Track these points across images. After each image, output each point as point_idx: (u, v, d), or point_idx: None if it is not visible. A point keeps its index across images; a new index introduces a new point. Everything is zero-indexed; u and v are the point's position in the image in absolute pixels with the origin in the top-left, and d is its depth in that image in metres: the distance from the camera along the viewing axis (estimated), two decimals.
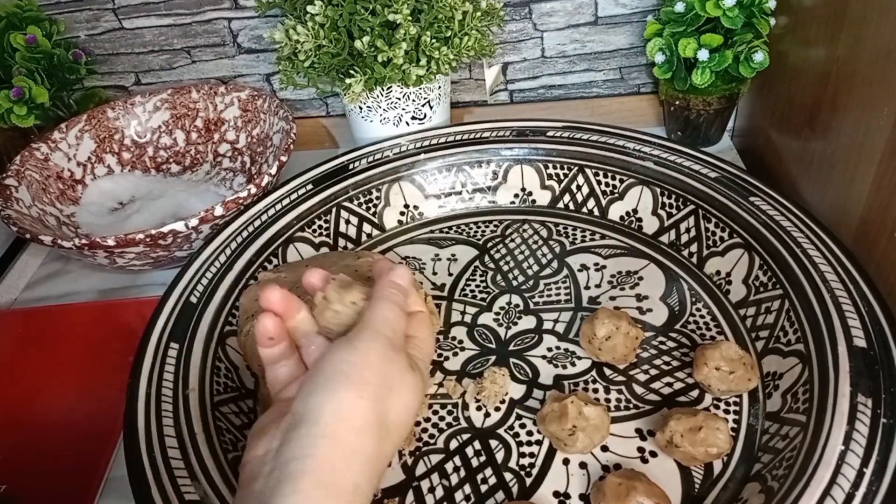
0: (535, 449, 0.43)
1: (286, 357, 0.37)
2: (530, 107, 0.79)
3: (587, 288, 0.54)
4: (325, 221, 0.60)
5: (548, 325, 0.51)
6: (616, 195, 0.59)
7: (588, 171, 0.60)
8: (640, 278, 0.54)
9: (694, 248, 0.55)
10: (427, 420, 0.45)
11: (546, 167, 0.62)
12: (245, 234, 0.56)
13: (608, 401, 0.45)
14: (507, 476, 0.42)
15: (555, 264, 0.56)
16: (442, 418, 0.45)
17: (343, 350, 0.34)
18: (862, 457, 0.35)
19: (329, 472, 0.29)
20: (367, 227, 0.62)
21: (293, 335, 0.38)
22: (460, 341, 0.51)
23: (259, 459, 0.31)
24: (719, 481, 0.40)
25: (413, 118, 0.68)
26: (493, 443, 0.44)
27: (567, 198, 0.62)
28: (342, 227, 0.60)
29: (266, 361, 0.37)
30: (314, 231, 0.59)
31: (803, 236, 0.48)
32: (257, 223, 0.57)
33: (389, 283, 0.38)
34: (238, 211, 0.58)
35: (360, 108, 0.67)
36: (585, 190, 0.61)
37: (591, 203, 0.61)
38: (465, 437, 0.44)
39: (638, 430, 0.43)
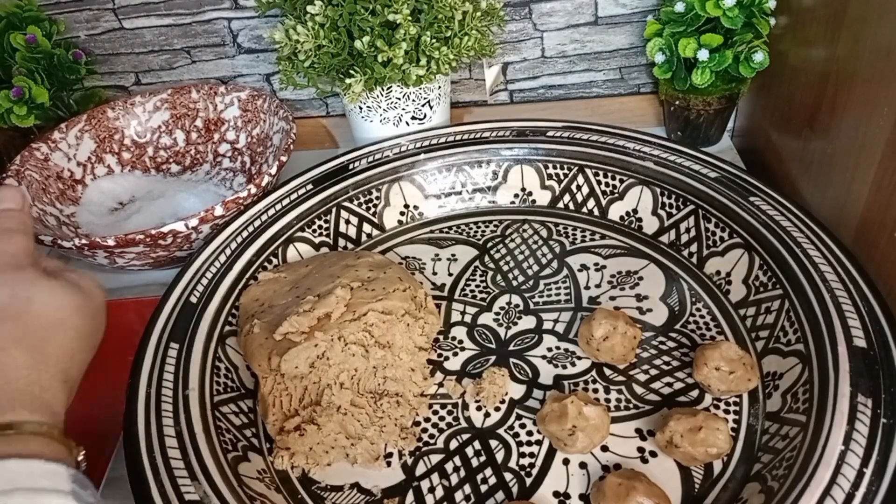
0: (535, 449, 0.43)
1: None
2: (530, 107, 0.79)
3: (587, 288, 0.54)
4: (325, 221, 0.60)
5: (548, 325, 0.51)
6: (616, 195, 0.59)
7: (588, 171, 0.60)
8: (640, 278, 0.54)
9: (694, 248, 0.55)
10: (427, 420, 0.45)
11: (546, 167, 0.62)
12: (245, 234, 0.56)
13: (608, 401, 0.45)
14: (507, 476, 0.42)
15: (555, 264, 0.56)
16: (442, 418, 0.45)
17: None
18: (862, 457, 0.35)
19: None
20: (367, 227, 0.62)
21: None
22: (460, 341, 0.51)
23: None
24: (719, 481, 0.40)
25: (413, 118, 0.68)
26: (493, 443, 0.44)
27: (567, 198, 0.62)
28: (342, 227, 0.60)
29: None
30: (314, 231, 0.59)
31: (803, 236, 0.48)
32: (257, 223, 0.57)
33: (5, 214, 0.38)
34: (238, 211, 0.58)
35: (360, 108, 0.67)
36: (585, 190, 0.61)
37: (591, 203, 0.61)
38: (465, 437, 0.44)
39: (638, 430, 0.43)
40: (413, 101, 0.66)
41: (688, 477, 0.40)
